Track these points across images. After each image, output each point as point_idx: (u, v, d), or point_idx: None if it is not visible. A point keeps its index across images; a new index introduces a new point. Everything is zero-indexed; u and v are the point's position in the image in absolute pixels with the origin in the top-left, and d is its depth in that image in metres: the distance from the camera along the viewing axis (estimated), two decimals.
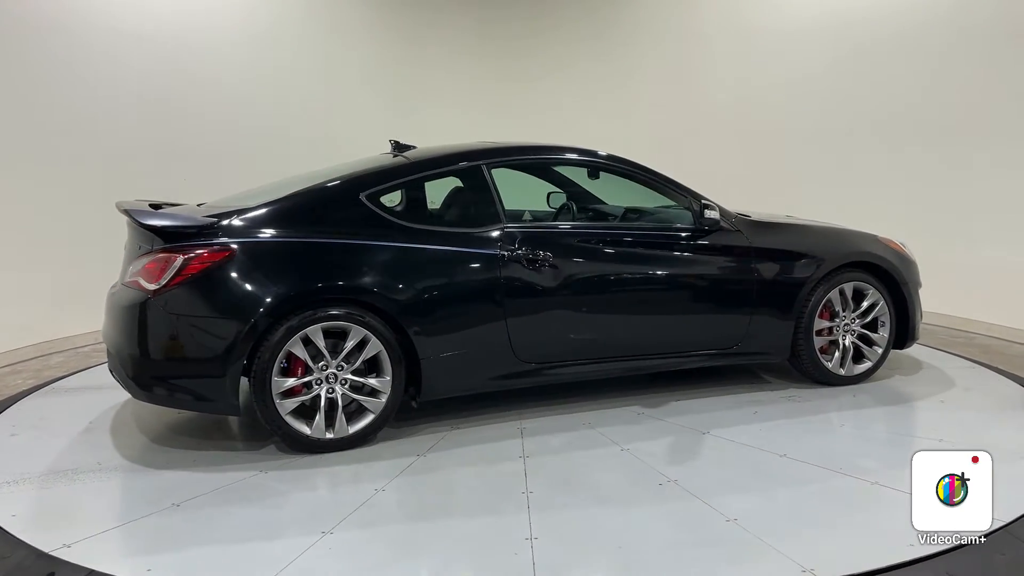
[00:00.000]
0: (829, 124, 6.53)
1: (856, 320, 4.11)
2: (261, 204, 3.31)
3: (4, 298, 5.05)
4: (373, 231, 3.37)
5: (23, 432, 3.61)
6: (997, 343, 5.30)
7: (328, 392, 3.21)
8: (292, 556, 2.37)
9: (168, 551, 2.44)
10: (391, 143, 4.07)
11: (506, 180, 3.80)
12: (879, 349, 4.16)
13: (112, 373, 3.41)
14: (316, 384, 3.19)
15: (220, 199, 3.76)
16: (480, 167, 3.67)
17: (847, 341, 4.11)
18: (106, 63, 5.62)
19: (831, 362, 4.07)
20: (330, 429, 3.22)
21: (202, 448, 3.35)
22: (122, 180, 5.50)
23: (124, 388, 3.28)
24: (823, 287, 4.01)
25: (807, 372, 4.11)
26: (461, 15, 8.23)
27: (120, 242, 3.53)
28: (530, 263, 3.49)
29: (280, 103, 6.88)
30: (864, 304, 4.11)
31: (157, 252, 3.12)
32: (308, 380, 3.18)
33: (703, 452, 3.26)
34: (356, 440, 3.27)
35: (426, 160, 3.71)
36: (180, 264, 3.05)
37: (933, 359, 4.71)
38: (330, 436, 3.22)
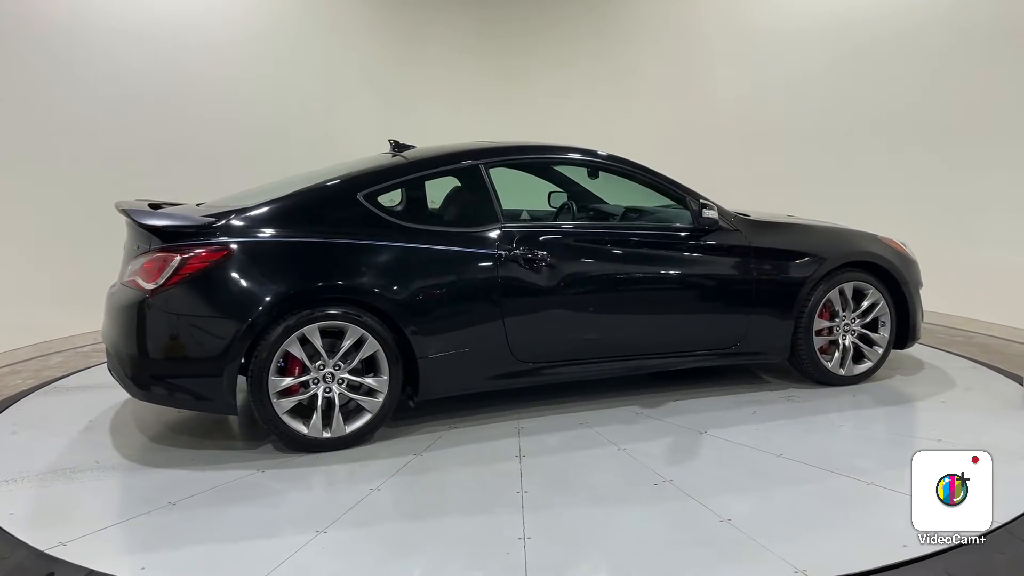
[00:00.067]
0: (829, 124, 6.52)
1: (856, 320, 4.10)
2: (259, 204, 3.31)
3: (4, 298, 5.06)
4: (371, 231, 3.37)
5: (23, 431, 3.62)
6: (997, 343, 5.29)
7: (325, 391, 3.21)
8: (286, 554, 2.38)
9: (164, 549, 2.45)
10: (390, 143, 4.08)
11: (506, 180, 3.80)
12: (879, 349, 4.15)
13: (111, 372, 3.42)
14: (313, 383, 3.20)
15: (219, 199, 3.76)
16: (478, 167, 3.67)
17: (847, 341, 4.10)
18: (106, 63, 5.62)
19: (831, 362, 4.06)
20: (327, 428, 3.22)
21: (200, 447, 3.35)
22: (122, 180, 5.50)
23: (123, 387, 3.29)
24: (823, 287, 4.00)
25: (807, 372, 4.10)
26: (461, 14, 8.23)
27: (120, 242, 3.53)
28: (528, 263, 3.49)
29: (280, 103, 6.88)
30: (864, 304, 4.10)
31: (155, 252, 3.13)
32: (305, 379, 3.19)
33: (701, 452, 3.26)
34: (353, 439, 3.27)
35: (424, 160, 3.72)
36: (178, 264, 3.05)
37: (933, 359, 4.70)
38: (327, 435, 3.22)
